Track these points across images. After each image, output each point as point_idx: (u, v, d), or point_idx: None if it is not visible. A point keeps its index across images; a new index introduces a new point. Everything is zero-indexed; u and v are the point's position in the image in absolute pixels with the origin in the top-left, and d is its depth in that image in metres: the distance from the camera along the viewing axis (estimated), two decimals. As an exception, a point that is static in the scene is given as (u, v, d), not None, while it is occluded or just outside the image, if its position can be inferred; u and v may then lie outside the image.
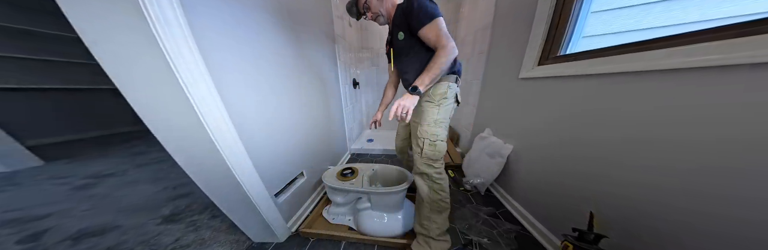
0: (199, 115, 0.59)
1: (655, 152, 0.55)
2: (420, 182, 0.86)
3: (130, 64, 0.52)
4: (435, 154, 0.82)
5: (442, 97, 0.81)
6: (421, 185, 0.86)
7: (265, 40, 0.87)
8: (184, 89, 0.55)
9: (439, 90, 0.81)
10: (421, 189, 0.86)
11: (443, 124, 0.83)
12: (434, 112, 0.82)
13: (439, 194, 0.84)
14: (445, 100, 0.82)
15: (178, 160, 0.69)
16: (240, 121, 0.73)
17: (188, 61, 0.54)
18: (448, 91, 0.82)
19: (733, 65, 0.41)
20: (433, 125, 0.82)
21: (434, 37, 0.71)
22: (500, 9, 1.35)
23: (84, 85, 2.77)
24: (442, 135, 0.83)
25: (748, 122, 0.40)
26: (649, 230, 0.58)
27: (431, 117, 0.82)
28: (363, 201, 1.03)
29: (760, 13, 0.45)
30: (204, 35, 0.60)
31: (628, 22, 0.71)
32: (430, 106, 0.83)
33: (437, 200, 0.84)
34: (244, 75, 0.77)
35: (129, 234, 1.05)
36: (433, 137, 0.82)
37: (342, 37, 1.80)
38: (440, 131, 0.83)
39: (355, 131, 2.36)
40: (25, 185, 1.64)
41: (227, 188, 0.77)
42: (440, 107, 0.82)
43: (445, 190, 0.85)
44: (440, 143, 0.82)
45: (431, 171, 0.83)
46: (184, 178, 1.61)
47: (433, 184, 0.84)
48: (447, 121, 0.85)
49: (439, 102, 0.82)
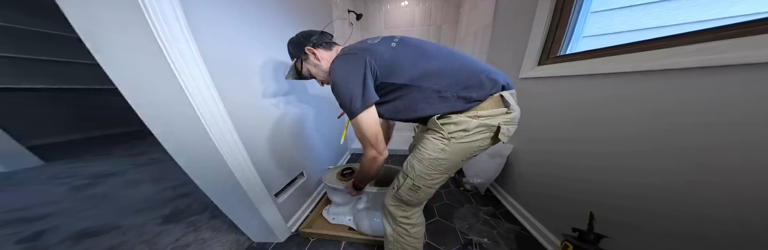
0: (199, 115, 0.59)
1: (655, 151, 0.55)
2: (384, 222, 0.72)
3: (129, 65, 0.52)
4: (410, 200, 0.64)
5: (460, 129, 0.53)
6: (385, 225, 0.72)
7: (264, 39, 0.87)
8: (184, 89, 0.55)
9: (456, 119, 0.54)
10: (385, 228, 0.72)
11: (443, 166, 0.57)
12: (437, 149, 0.56)
13: (404, 239, 0.69)
14: (462, 133, 0.53)
15: (178, 160, 0.70)
16: (240, 121, 0.73)
17: (188, 61, 0.54)
18: (472, 123, 0.52)
19: (732, 65, 0.41)
20: (428, 164, 0.57)
21: (358, 133, 0.57)
22: (500, 9, 1.35)
23: (84, 85, 2.77)
24: (434, 180, 0.60)
25: (749, 122, 0.40)
26: (650, 231, 0.58)
27: (430, 153, 0.57)
28: (363, 201, 1.03)
29: (760, 13, 0.45)
30: (204, 35, 0.60)
31: (628, 21, 0.71)
32: (435, 138, 0.57)
33: (403, 243, 0.70)
34: (243, 75, 0.77)
35: (129, 234, 1.05)
36: (418, 180, 0.59)
37: (342, 37, 1.80)
38: (433, 174, 0.58)
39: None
40: (25, 185, 1.63)
41: (227, 188, 0.77)
42: (450, 144, 0.55)
43: (412, 236, 0.69)
44: (425, 190, 0.61)
45: (398, 214, 0.67)
46: (184, 178, 1.60)
47: (396, 227, 0.69)
48: (453, 163, 0.58)
49: (451, 135, 0.54)
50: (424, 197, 0.64)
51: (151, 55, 0.50)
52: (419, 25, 2.26)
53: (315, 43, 0.64)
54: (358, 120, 0.54)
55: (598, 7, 0.79)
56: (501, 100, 0.54)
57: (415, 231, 0.69)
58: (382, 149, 0.59)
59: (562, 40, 0.89)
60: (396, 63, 0.54)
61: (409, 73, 0.53)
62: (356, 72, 0.52)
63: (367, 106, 0.54)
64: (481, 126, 0.53)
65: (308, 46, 0.63)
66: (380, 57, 0.53)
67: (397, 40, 0.58)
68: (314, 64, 0.65)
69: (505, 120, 0.53)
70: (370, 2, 2.25)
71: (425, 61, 0.54)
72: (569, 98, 0.81)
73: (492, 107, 0.54)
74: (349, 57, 0.54)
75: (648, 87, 0.55)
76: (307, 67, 0.67)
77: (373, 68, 0.53)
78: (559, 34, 0.89)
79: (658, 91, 0.54)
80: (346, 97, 0.52)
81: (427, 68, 0.53)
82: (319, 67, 0.65)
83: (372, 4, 2.26)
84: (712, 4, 0.53)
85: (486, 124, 0.53)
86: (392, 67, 0.54)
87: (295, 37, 0.67)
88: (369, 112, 0.54)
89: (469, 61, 0.55)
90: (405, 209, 0.67)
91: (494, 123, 0.53)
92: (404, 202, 0.65)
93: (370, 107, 0.55)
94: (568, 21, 0.85)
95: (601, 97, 0.68)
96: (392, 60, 0.54)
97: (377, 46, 0.56)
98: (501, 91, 0.54)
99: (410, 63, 0.54)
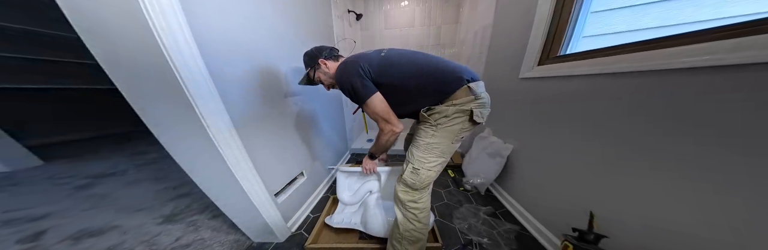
0: (199, 115, 0.59)
1: (655, 151, 0.55)
2: (395, 208, 0.81)
3: (129, 64, 0.52)
4: (414, 183, 0.74)
5: (442, 116, 0.68)
6: (396, 211, 0.80)
7: (264, 39, 0.87)
8: (184, 89, 0.55)
9: (438, 109, 0.69)
10: (396, 214, 0.80)
11: (437, 149, 0.71)
12: (428, 134, 0.71)
13: (412, 224, 0.76)
14: (445, 119, 0.68)
15: (178, 160, 0.70)
16: (240, 121, 0.73)
17: (187, 59, 0.54)
18: (450, 110, 0.67)
19: (733, 65, 0.41)
20: (424, 149, 0.72)
21: (372, 115, 0.72)
22: (500, 9, 1.35)
23: (84, 85, 2.77)
24: (432, 163, 0.72)
25: (748, 123, 0.40)
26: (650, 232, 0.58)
27: (424, 139, 0.72)
28: (373, 197, 1.01)
29: (760, 13, 0.45)
30: (203, 33, 0.60)
31: (628, 21, 0.71)
32: (425, 127, 0.72)
33: (411, 229, 0.76)
34: (243, 73, 0.77)
35: (129, 234, 1.05)
36: (417, 163, 0.73)
37: (342, 37, 1.80)
38: (430, 157, 0.72)
39: (355, 131, 2.35)
40: (24, 185, 1.63)
41: (227, 188, 0.77)
42: (438, 129, 0.69)
43: (421, 221, 0.76)
44: (424, 172, 0.72)
45: (406, 199, 0.76)
46: (184, 178, 1.60)
47: (406, 212, 0.77)
48: (445, 146, 0.71)
49: (436, 122, 0.69)
50: (424, 179, 0.74)
51: (151, 55, 0.50)
52: (419, 25, 2.26)
53: (326, 56, 0.80)
54: (368, 103, 0.69)
55: (598, 7, 0.79)
56: (468, 90, 0.67)
57: (424, 216, 0.77)
58: (396, 122, 0.72)
59: (562, 40, 0.89)
60: (384, 67, 0.69)
61: (396, 75, 0.68)
62: (353, 72, 0.68)
63: (370, 93, 0.68)
64: (458, 112, 0.67)
65: (321, 58, 0.79)
66: (371, 62, 0.69)
67: (385, 51, 0.73)
68: (324, 72, 0.81)
69: (475, 105, 0.67)
70: (370, 2, 2.25)
71: (408, 66, 0.68)
72: (569, 98, 0.81)
73: (462, 96, 0.67)
74: (347, 63, 0.71)
75: (648, 87, 0.55)
76: (318, 74, 0.83)
77: (366, 69, 0.68)
78: (559, 34, 0.89)
79: (657, 92, 0.53)
80: (351, 90, 0.68)
81: (410, 71, 0.68)
82: (328, 74, 0.80)
83: (372, 4, 2.26)
84: (712, 4, 0.53)
85: (461, 109, 0.67)
86: (381, 70, 0.68)
87: (310, 51, 0.82)
88: (375, 96, 0.68)
89: (443, 63, 0.69)
90: (412, 193, 0.76)
91: (467, 108, 0.67)
92: (409, 185, 0.75)
93: (374, 94, 0.68)
94: (568, 21, 0.85)
95: (601, 97, 0.68)
96: (381, 64, 0.69)
97: (369, 55, 0.72)
98: (468, 84, 0.67)
99: (397, 67, 0.69)
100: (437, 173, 0.75)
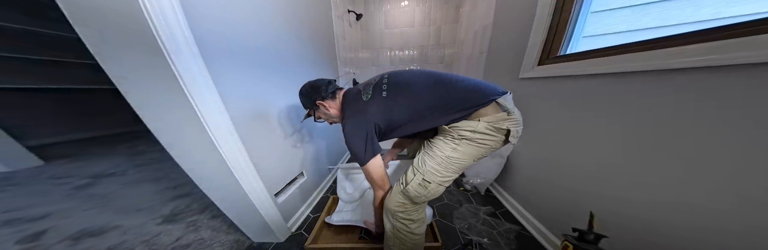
0: (199, 114, 0.59)
1: (655, 151, 0.55)
2: (384, 217, 0.73)
3: (129, 64, 0.52)
4: (418, 197, 0.65)
5: (469, 130, 0.60)
6: (385, 220, 0.73)
7: (264, 39, 0.87)
8: (184, 89, 0.55)
9: (462, 123, 0.61)
10: (385, 223, 0.73)
11: (457, 165, 0.63)
12: (449, 148, 0.62)
13: (404, 236, 0.70)
14: (470, 133, 0.60)
15: (178, 160, 0.69)
16: (240, 121, 0.73)
17: (188, 60, 0.54)
18: (480, 125, 0.59)
19: (733, 65, 0.41)
20: (441, 162, 0.63)
21: (368, 179, 0.71)
22: (500, 9, 1.35)
23: (84, 85, 2.77)
24: (445, 178, 0.64)
25: (748, 123, 0.40)
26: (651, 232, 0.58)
27: (443, 152, 0.63)
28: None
29: (760, 13, 0.45)
30: (203, 34, 0.60)
31: (628, 21, 0.71)
32: (447, 139, 0.63)
33: (402, 239, 0.70)
34: (243, 75, 0.77)
35: (129, 234, 1.05)
36: (429, 176, 0.63)
37: (342, 37, 1.80)
38: (445, 172, 0.63)
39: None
40: (25, 185, 1.63)
41: (227, 188, 0.77)
42: (461, 143, 0.62)
43: (414, 232, 0.70)
44: (435, 187, 0.64)
45: (399, 210, 0.67)
46: (184, 178, 1.60)
47: (396, 223, 0.69)
48: (466, 163, 0.63)
49: (461, 135, 0.61)
50: (431, 194, 0.65)
51: (151, 54, 0.50)
52: (419, 25, 2.26)
53: (323, 97, 0.74)
54: (367, 167, 0.66)
55: (598, 7, 0.79)
56: (497, 105, 0.60)
57: (416, 227, 0.70)
58: (387, 187, 0.73)
59: (562, 40, 0.89)
60: (392, 116, 0.64)
61: (407, 116, 0.64)
62: (361, 133, 0.63)
63: (373, 157, 0.65)
64: (490, 129, 0.59)
65: (318, 100, 0.74)
66: (378, 116, 0.64)
67: (386, 85, 0.66)
68: (324, 112, 0.77)
69: (511, 123, 0.59)
70: (370, 2, 2.25)
71: (416, 102, 0.63)
72: (569, 98, 0.81)
73: (492, 113, 0.59)
74: (354, 120, 0.65)
75: (648, 87, 0.55)
76: (319, 114, 0.80)
77: (375, 127, 0.64)
78: (559, 34, 0.89)
79: (658, 92, 0.53)
80: (356, 151, 0.64)
81: (421, 107, 0.63)
82: (328, 114, 0.77)
83: (372, 4, 2.26)
84: (712, 4, 0.53)
85: (496, 127, 0.59)
86: (390, 120, 0.64)
87: (305, 91, 0.77)
88: (375, 161, 0.66)
89: (454, 83, 0.62)
90: (408, 206, 0.68)
91: (503, 127, 0.59)
92: (411, 198, 0.66)
93: (375, 157, 0.65)
94: (568, 21, 0.85)
95: (601, 97, 0.68)
96: (388, 114, 0.64)
97: (371, 106, 0.65)
98: (496, 99, 0.59)
99: (406, 109, 0.63)
100: (444, 187, 0.67)
